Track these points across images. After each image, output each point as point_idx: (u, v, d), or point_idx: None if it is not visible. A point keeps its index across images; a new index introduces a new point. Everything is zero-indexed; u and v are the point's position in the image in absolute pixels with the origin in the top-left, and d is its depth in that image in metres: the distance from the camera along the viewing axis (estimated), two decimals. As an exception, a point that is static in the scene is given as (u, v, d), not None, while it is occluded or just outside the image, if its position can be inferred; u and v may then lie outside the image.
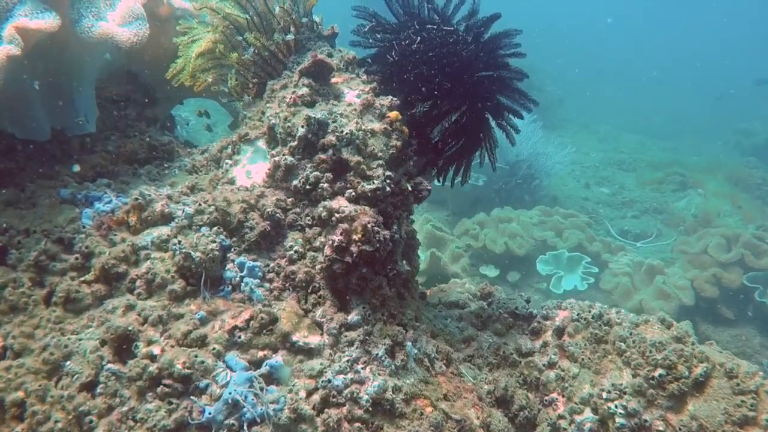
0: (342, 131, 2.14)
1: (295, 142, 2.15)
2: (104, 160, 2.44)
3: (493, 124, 2.47)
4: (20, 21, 2.11)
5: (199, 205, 2.09)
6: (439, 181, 2.53)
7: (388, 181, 2.16)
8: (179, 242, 2.01)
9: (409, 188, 2.30)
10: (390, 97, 2.30)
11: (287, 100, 2.24)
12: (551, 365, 2.37)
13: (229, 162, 2.36)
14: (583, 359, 2.30)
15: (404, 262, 2.31)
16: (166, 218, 2.13)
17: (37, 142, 2.49)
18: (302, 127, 2.13)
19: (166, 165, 2.46)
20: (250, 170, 2.27)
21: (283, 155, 2.16)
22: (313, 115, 2.13)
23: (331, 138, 2.13)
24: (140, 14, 2.35)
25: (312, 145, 2.16)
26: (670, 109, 17.87)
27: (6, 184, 2.30)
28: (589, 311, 2.39)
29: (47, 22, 2.14)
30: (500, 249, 6.35)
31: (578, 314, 2.40)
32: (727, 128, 14.16)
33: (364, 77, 2.41)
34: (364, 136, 2.17)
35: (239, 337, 1.90)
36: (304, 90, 2.23)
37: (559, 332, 2.44)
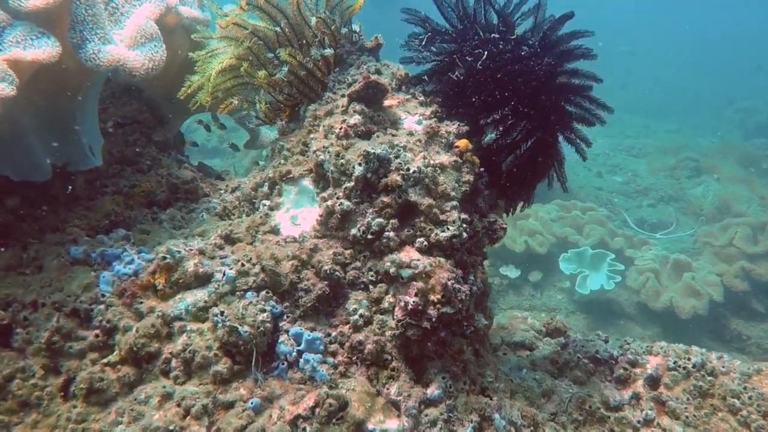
0: (408, 168, 1.79)
1: (352, 183, 1.80)
2: (117, 204, 2.07)
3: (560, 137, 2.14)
4: (13, 52, 1.72)
5: (242, 265, 1.74)
6: (507, 214, 2.19)
7: (464, 225, 1.82)
8: (222, 313, 1.67)
9: (482, 228, 1.96)
10: (456, 123, 1.95)
11: (337, 130, 1.88)
12: (648, 422, 2.06)
13: (267, 203, 2.01)
14: (687, 417, 2.00)
15: (481, 315, 1.98)
16: (201, 280, 1.77)
17: (35, 184, 2.11)
18: (360, 164, 1.78)
19: (191, 207, 2.10)
20: (296, 215, 1.92)
21: (338, 198, 1.81)
22: (372, 150, 1.78)
23: (395, 177, 1.78)
24: (154, 34, 1.96)
25: (372, 185, 1.81)
26: (664, 85, 17.59)
27: (4, 242, 1.92)
28: (688, 358, 2.09)
29: (45, 51, 1.76)
30: (520, 248, 6.05)
31: (675, 362, 2.09)
32: (720, 100, 13.89)
33: (422, 98, 2.05)
34: (434, 173, 1.82)
35: (304, 429, 1.57)
36: (357, 118, 1.88)
37: (653, 382, 2.13)
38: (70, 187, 2.18)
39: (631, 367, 2.21)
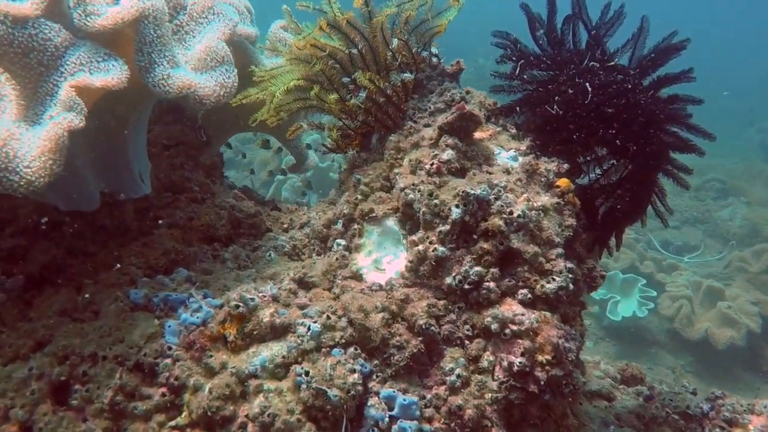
0: (510, 211, 1.61)
1: (447, 227, 1.62)
2: (175, 239, 1.88)
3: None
4: (81, 78, 1.55)
5: (328, 317, 1.55)
6: (599, 257, 2.02)
7: (570, 276, 1.64)
8: (306, 373, 1.48)
9: (582, 276, 1.78)
10: (556, 160, 1.78)
11: (427, 166, 1.71)
12: (754, 490, 1.87)
13: (342, 243, 1.82)
14: (801, 487, 1.81)
15: (577, 371, 1.79)
16: (277, 331, 1.59)
17: (83, 214, 1.94)
18: (457, 206, 1.61)
19: (255, 244, 1.91)
20: (380, 259, 1.74)
21: (431, 243, 1.63)
22: (471, 191, 1.61)
23: (497, 222, 1.60)
24: (225, 57, 1.79)
25: (469, 229, 1.64)
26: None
27: (54, 280, 1.74)
28: (798, 420, 1.90)
29: (115, 76, 1.58)
30: (548, 272, 5.86)
31: (783, 424, 1.91)
32: (740, 119, 13.73)
33: (513, 130, 1.88)
34: (538, 217, 1.64)
35: None
36: (450, 153, 1.70)
37: (757, 445, 1.94)
38: (118, 216, 2.00)
39: (729, 426, 2.03)
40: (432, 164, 1.70)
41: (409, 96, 1.94)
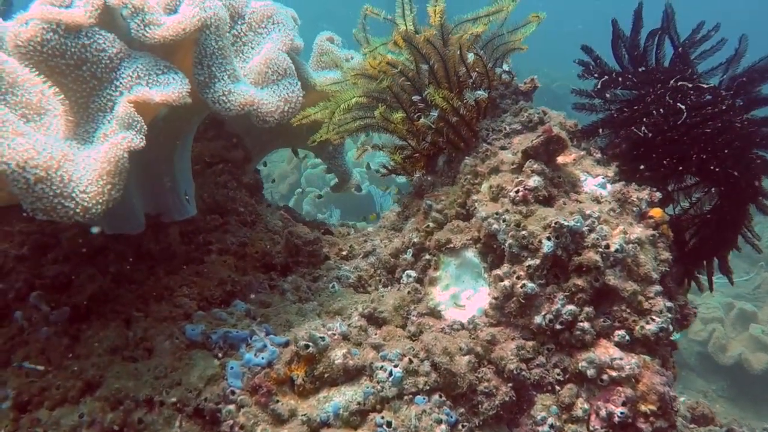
0: (606, 245, 1.47)
1: (537, 261, 1.47)
2: (229, 268, 1.74)
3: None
4: (141, 93, 1.41)
5: (410, 361, 1.40)
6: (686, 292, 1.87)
7: (669, 316, 1.49)
8: (388, 424, 1.33)
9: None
10: (647, 189, 1.63)
11: (512, 194, 1.56)
12: None
13: (412, 274, 1.68)
14: None
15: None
16: (349, 374, 1.44)
17: (127, 238, 1.79)
18: (548, 239, 1.46)
19: (315, 273, 1.77)
20: (458, 294, 1.59)
21: (518, 278, 1.49)
22: (565, 222, 1.46)
23: (592, 256, 1.46)
24: (288, 69, 1.65)
25: (561, 264, 1.49)
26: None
27: (102, 312, 1.59)
28: None
29: (176, 91, 1.44)
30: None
31: None
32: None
33: (598, 155, 1.74)
34: (635, 251, 1.50)
35: None
36: (536, 180, 1.56)
37: None
38: (163, 240, 1.86)
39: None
40: (517, 191, 1.56)
41: (482, 115, 1.80)
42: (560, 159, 1.66)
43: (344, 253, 1.86)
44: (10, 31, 1.44)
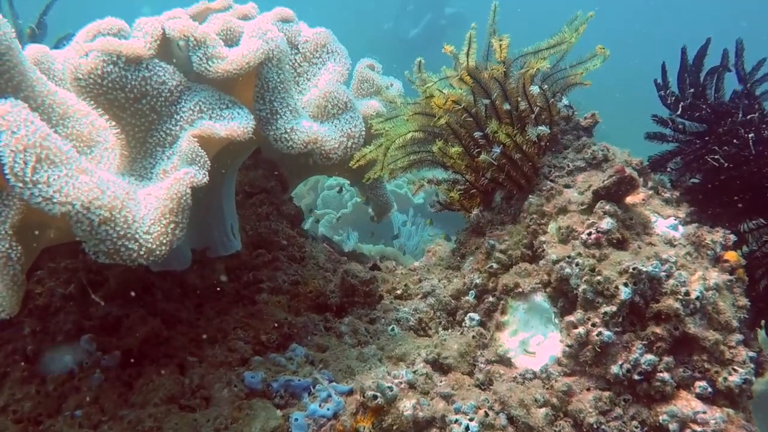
0: (686, 292, 1.40)
1: (614, 308, 1.41)
2: (283, 308, 1.67)
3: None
4: (205, 127, 1.35)
5: (486, 414, 1.33)
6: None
7: (752, 366, 1.42)
8: (466, 483, 1.25)
9: (751, 362, 1.56)
10: (721, 231, 1.57)
11: (583, 236, 1.50)
12: None
13: (476, 318, 1.61)
14: None
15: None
16: (420, 426, 1.36)
17: (173, 274, 1.73)
18: (625, 285, 1.40)
19: (372, 315, 1.69)
20: (527, 340, 1.52)
21: (593, 326, 1.42)
22: (643, 268, 1.40)
23: (672, 304, 1.39)
24: (348, 103, 1.60)
25: (638, 311, 1.43)
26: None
27: (155, 357, 1.52)
28: None
29: (241, 126, 1.39)
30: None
31: None
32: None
33: (667, 194, 1.68)
34: (714, 298, 1.43)
35: None
36: (609, 222, 1.50)
37: None
38: (208, 277, 1.79)
39: None
40: (589, 234, 1.50)
41: (542, 151, 1.75)
42: (629, 199, 1.60)
43: (398, 291, 1.79)
44: (70, 64, 1.39)
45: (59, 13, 3.04)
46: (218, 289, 1.77)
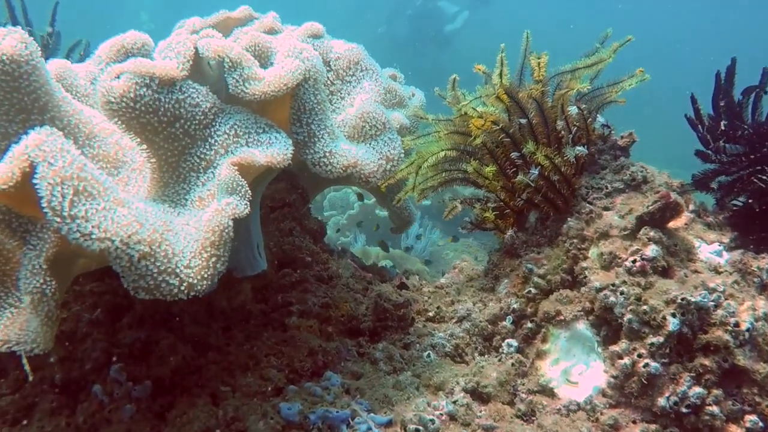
0: (736, 323, 1.37)
1: (660, 339, 1.37)
2: (315, 333, 1.63)
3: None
4: (245, 154, 1.30)
5: (533, 451, 1.29)
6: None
7: (803, 399, 1.39)
8: None
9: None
10: (767, 257, 1.54)
11: (627, 264, 1.47)
12: None
13: (514, 344, 1.57)
14: None
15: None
16: (462, 460, 1.33)
17: (200, 297, 1.67)
18: (673, 316, 1.36)
19: (406, 340, 1.65)
20: (569, 369, 1.49)
21: (639, 357, 1.38)
22: (691, 299, 1.36)
23: (721, 335, 1.36)
24: (386, 124, 1.55)
25: (685, 342, 1.39)
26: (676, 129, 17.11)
27: (186, 386, 1.48)
28: None
29: (281, 152, 1.34)
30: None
31: None
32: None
33: (708, 218, 1.64)
34: (764, 329, 1.40)
35: None
36: (655, 250, 1.46)
37: None
38: (233, 298, 1.75)
39: None
40: (634, 261, 1.46)
41: (579, 172, 1.71)
42: (671, 223, 1.56)
43: (430, 314, 1.75)
44: (102, 86, 1.33)
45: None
46: (246, 311, 1.72)
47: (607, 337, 1.46)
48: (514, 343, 1.57)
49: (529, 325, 1.57)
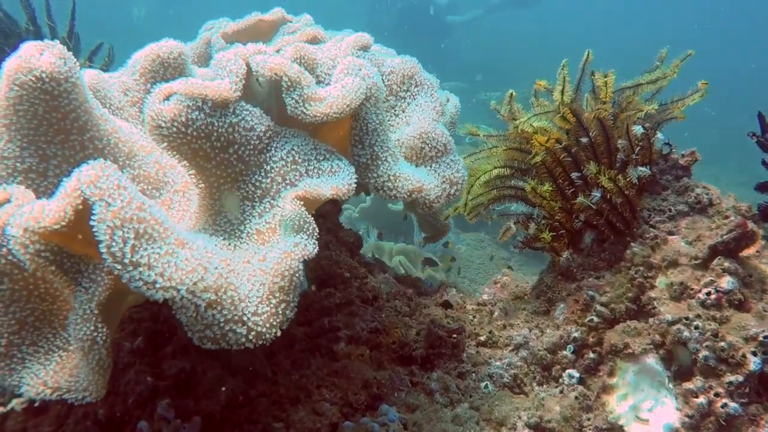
0: (818, 362, 1.31)
1: (740, 378, 1.32)
2: (366, 362, 1.56)
3: None
4: (311, 187, 1.21)
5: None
6: None
7: None
8: None
9: None
10: (841, 287, 1.48)
11: (700, 296, 1.40)
12: None
13: (575, 375, 1.51)
14: None
15: None
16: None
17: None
18: (754, 354, 1.31)
19: (460, 368, 1.59)
20: (638, 405, 1.43)
21: (716, 396, 1.33)
22: (773, 337, 1.30)
23: (804, 375, 1.30)
24: (447, 144, 1.46)
25: (764, 380, 1.33)
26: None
27: (237, 421, 1.40)
28: None
29: (346, 182, 1.26)
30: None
31: None
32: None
33: (777, 243, 1.57)
34: None
35: None
36: (730, 282, 1.40)
37: None
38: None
39: None
40: (708, 293, 1.39)
41: (640, 192, 1.63)
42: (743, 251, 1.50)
43: (482, 338, 1.68)
44: (150, 110, 1.23)
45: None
46: (290, 334, 1.65)
47: (679, 372, 1.40)
48: (576, 374, 1.51)
49: (592, 355, 1.50)
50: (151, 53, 1.57)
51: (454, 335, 1.60)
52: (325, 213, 2.11)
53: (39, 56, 1.24)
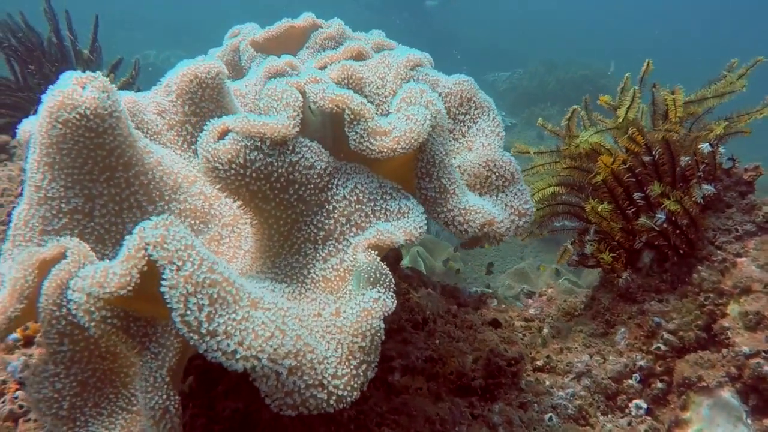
0: None
1: (822, 414, 1.27)
2: (425, 396, 1.50)
3: None
4: (383, 234, 1.13)
5: None
6: None
7: None
8: None
9: None
10: None
11: (779, 327, 1.35)
12: None
13: (643, 406, 1.47)
14: None
15: None
16: None
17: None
18: (839, 390, 1.26)
19: (522, 398, 1.54)
20: (713, 440, 1.39)
21: (797, 433, 1.28)
22: None
23: None
24: (515, 173, 1.38)
25: None
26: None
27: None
28: None
29: (417, 226, 1.17)
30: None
31: None
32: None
33: None
34: None
35: None
36: (809, 311, 1.34)
37: None
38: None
39: None
40: (787, 325, 1.34)
41: (704, 211, 1.57)
42: (813, 275, 1.44)
43: (539, 363, 1.63)
44: (205, 151, 1.13)
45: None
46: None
47: (758, 408, 1.36)
48: (644, 404, 1.46)
49: (660, 385, 1.46)
50: (188, 73, 1.47)
51: (514, 364, 1.54)
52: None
53: (82, 91, 1.15)
